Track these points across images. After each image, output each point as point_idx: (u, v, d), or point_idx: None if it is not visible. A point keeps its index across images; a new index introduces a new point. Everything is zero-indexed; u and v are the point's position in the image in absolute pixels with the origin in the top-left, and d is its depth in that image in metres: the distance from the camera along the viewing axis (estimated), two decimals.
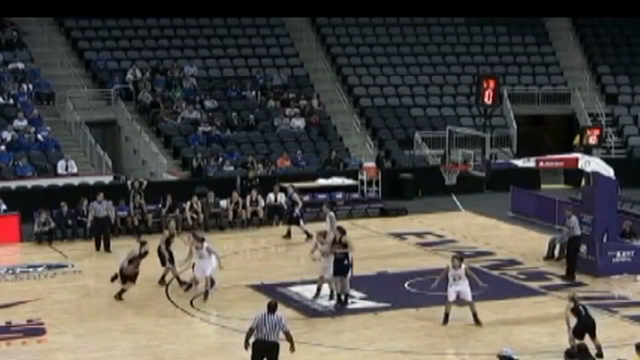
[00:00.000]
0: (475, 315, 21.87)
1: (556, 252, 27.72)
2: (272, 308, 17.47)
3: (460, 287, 21.86)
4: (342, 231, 23.47)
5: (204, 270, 23.83)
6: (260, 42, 45.44)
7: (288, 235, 31.12)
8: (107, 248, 29.39)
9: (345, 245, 23.16)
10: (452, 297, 21.90)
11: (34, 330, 21.75)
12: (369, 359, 19.99)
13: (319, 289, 23.96)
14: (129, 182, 32.79)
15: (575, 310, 19.95)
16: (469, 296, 21.93)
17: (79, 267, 27.55)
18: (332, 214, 28.46)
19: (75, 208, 31.30)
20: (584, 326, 19.82)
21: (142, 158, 38.77)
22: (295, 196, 31.88)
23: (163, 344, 20.67)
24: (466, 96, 44.22)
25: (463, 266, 22.03)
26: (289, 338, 17.47)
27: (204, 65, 43.73)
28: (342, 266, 23.12)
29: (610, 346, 19.83)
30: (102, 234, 29.64)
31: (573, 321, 19.69)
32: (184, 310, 23.05)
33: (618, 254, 26.12)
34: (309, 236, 29.96)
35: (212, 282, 24.01)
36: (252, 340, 17.40)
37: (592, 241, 26.07)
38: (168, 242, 25.29)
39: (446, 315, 22.00)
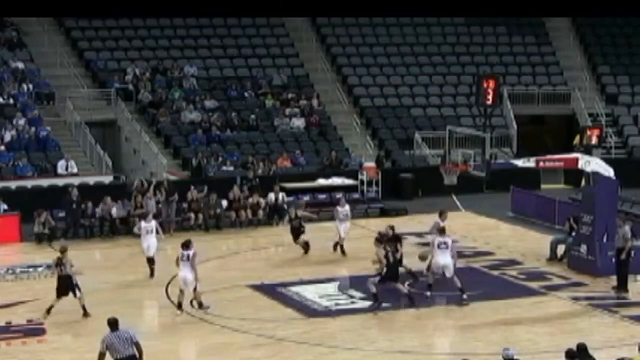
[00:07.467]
0: (461, 290, 23.27)
1: (559, 253, 27.69)
2: (113, 324, 16.92)
3: (447, 260, 23.25)
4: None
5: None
6: (260, 42, 45.42)
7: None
8: None
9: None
10: (439, 271, 23.39)
11: (34, 330, 21.75)
12: (368, 359, 19.97)
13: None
14: (133, 187, 32.53)
15: (386, 257, 22.67)
16: (451, 271, 23.28)
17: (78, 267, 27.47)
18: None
19: None
20: (390, 274, 22.75)
21: (142, 158, 38.75)
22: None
23: (163, 344, 20.64)
24: (466, 96, 44.18)
25: (449, 239, 23.67)
26: (139, 350, 16.87)
27: (204, 65, 43.71)
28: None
29: (610, 346, 19.83)
30: None
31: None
32: (184, 310, 23.00)
33: None
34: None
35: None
36: None
37: (592, 241, 26.06)
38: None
39: (429, 286, 23.73)
